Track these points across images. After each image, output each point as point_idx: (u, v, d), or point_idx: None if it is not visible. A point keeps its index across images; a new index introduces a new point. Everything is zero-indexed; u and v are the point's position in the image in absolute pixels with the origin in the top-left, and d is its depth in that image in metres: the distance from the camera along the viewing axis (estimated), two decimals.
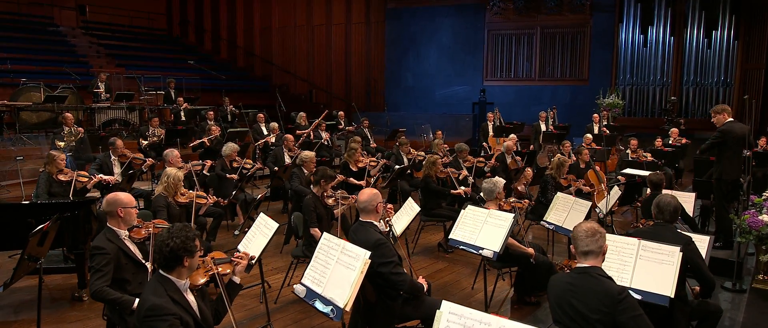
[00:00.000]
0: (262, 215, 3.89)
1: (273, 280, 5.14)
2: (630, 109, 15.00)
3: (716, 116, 5.53)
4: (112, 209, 3.29)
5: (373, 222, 3.36)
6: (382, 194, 7.50)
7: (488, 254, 3.76)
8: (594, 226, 2.59)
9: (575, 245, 2.60)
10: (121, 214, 3.32)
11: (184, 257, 2.41)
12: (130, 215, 3.37)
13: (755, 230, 4.79)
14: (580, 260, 2.59)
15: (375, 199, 3.34)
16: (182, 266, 2.43)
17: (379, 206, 3.37)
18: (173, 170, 4.67)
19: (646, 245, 3.17)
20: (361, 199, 3.37)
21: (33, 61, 13.17)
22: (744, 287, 4.99)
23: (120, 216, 3.32)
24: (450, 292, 4.94)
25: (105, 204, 3.33)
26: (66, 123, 7.92)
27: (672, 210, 3.49)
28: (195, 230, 2.51)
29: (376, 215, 3.37)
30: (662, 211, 3.53)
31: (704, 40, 14.27)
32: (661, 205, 3.53)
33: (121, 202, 3.34)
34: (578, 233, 2.58)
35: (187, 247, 2.40)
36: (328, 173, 4.61)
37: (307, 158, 6.15)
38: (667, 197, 3.58)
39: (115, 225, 3.32)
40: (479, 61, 16.52)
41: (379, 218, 3.42)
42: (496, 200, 4.59)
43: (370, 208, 3.34)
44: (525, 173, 7.66)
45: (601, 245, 2.55)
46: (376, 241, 3.20)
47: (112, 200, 3.33)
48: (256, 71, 18.47)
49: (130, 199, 3.41)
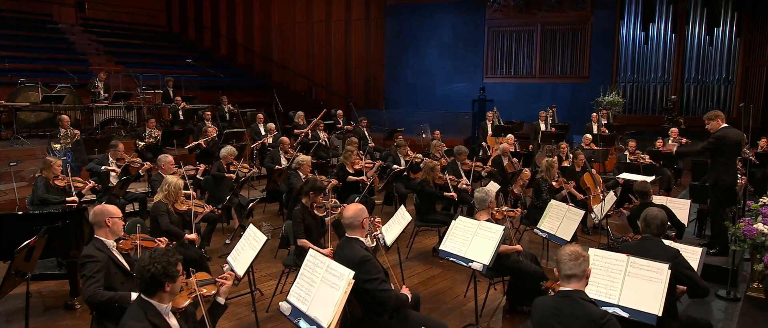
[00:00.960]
0: (252, 226, 3.88)
1: (266, 287, 5.14)
2: (631, 106, 14.93)
3: (710, 123, 5.48)
4: (100, 219, 3.33)
5: (358, 238, 3.34)
6: (377, 196, 7.49)
7: (477, 267, 3.74)
8: (578, 249, 2.57)
9: (559, 267, 2.58)
10: (108, 223, 3.36)
11: (166, 282, 2.40)
12: (117, 226, 3.41)
13: (750, 239, 4.76)
14: (563, 282, 2.57)
15: (360, 215, 3.32)
16: (163, 291, 2.42)
17: (365, 221, 3.35)
18: (174, 178, 4.67)
19: (635, 261, 3.15)
20: (346, 215, 3.35)
21: (31, 59, 13.17)
22: (738, 295, 4.96)
23: (107, 226, 3.36)
24: (443, 300, 4.93)
25: (92, 215, 3.36)
26: (62, 125, 7.92)
27: (659, 223, 3.47)
28: (177, 255, 2.49)
29: (361, 231, 3.35)
30: (649, 224, 3.50)
31: (706, 37, 14.17)
32: (648, 218, 3.51)
33: (109, 212, 3.39)
34: (562, 256, 2.57)
35: (168, 272, 2.39)
36: (318, 184, 4.59)
37: (303, 162, 6.13)
38: (653, 211, 3.55)
39: (103, 235, 3.35)
40: (479, 59, 16.45)
41: (365, 234, 3.41)
42: (489, 208, 4.56)
43: (355, 224, 3.32)
44: (522, 175, 7.65)
45: (584, 268, 2.54)
46: (362, 258, 3.20)
47: (100, 211, 3.37)
48: (255, 68, 18.43)
49: (117, 210, 3.45)
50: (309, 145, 9.15)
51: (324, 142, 10.25)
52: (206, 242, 5.94)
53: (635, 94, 14.94)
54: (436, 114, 15.12)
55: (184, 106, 11.01)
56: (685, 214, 5.33)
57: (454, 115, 14.93)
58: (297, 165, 6.12)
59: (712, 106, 14.24)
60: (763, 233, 4.73)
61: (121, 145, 6.53)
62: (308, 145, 9.14)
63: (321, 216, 4.62)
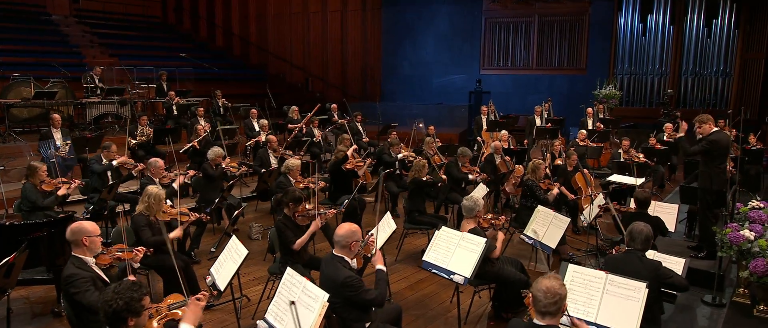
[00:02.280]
0: (234, 239, 3.88)
1: (253, 292, 5.14)
2: (627, 99, 14.87)
3: (702, 126, 5.45)
4: (77, 238, 3.32)
5: (344, 258, 3.39)
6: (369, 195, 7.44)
7: (459, 280, 3.75)
8: (555, 286, 2.49)
9: (534, 301, 2.54)
10: (86, 242, 3.35)
11: (129, 317, 2.38)
12: (94, 244, 3.41)
13: (736, 245, 4.75)
14: (537, 316, 2.54)
15: (351, 237, 3.38)
16: (126, 326, 2.40)
17: (354, 244, 3.40)
18: (154, 188, 4.63)
19: (613, 279, 3.15)
20: (338, 232, 3.42)
21: (24, 52, 13.07)
22: (724, 301, 4.98)
23: (85, 245, 3.35)
24: (429, 305, 4.94)
25: (69, 233, 3.35)
26: (53, 125, 7.89)
27: (643, 239, 3.48)
28: (143, 289, 2.45)
29: (349, 252, 3.42)
30: (634, 239, 3.51)
31: (704, 28, 14.06)
32: (634, 233, 3.52)
33: (86, 231, 3.37)
34: (539, 292, 2.50)
35: (131, 308, 2.36)
36: (297, 195, 4.58)
37: (293, 167, 6.11)
38: (639, 225, 3.56)
39: (81, 254, 3.35)
40: (476, 50, 16.35)
41: (352, 256, 3.44)
42: (476, 217, 4.57)
43: (344, 243, 3.38)
44: (514, 173, 7.64)
45: (560, 307, 2.50)
46: (344, 280, 3.26)
47: (77, 229, 3.35)
48: (251, 59, 18.32)
49: (95, 227, 3.44)
50: (301, 142, 9.12)
51: (318, 139, 10.22)
52: (195, 245, 5.95)
53: (632, 86, 14.87)
54: (432, 107, 15.08)
55: (178, 101, 10.95)
56: (673, 219, 5.33)
57: (450, 108, 14.88)
58: (287, 170, 6.10)
59: (709, 99, 14.20)
60: (749, 239, 4.73)
61: (114, 146, 6.50)
62: (301, 142, 9.11)
63: (304, 225, 4.61)
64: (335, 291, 3.30)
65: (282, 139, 10.74)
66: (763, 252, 4.60)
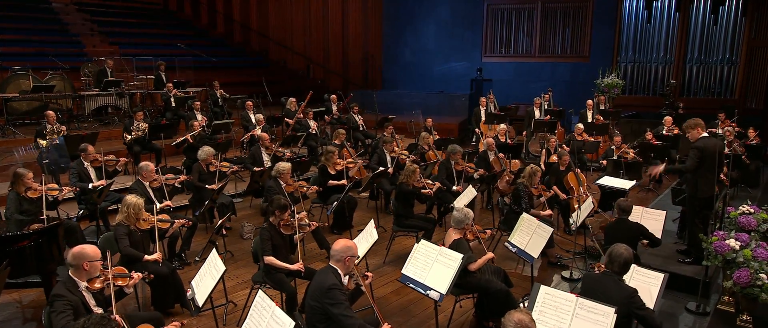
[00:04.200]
0: (214, 253, 3.91)
1: (241, 296, 5.17)
2: (631, 87, 14.68)
3: (690, 132, 5.38)
4: (79, 262, 3.34)
5: (337, 269, 3.49)
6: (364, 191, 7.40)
7: (435, 296, 3.77)
8: (525, 320, 2.48)
9: None
10: (86, 268, 3.38)
11: None
12: (94, 268, 3.43)
13: (721, 255, 4.73)
14: None
15: (345, 252, 3.47)
16: None
17: (348, 259, 3.48)
18: (133, 198, 4.66)
19: (583, 303, 3.16)
20: (334, 247, 3.51)
21: (25, 42, 13.09)
22: (708, 309, 4.97)
23: (85, 269, 3.38)
24: (412, 312, 4.98)
25: (71, 257, 3.35)
26: (48, 121, 7.93)
27: (622, 262, 3.45)
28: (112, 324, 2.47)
29: (343, 266, 3.49)
30: (612, 262, 3.49)
31: (711, 15, 13.78)
32: (613, 255, 3.49)
33: (88, 256, 3.38)
34: (510, 323, 2.49)
35: None
36: (282, 202, 4.59)
37: (283, 170, 6.11)
38: (619, 248, 3.52)
39: (77, 276, 3.38)
40: (478, 37, 16.17)
41: (346, 273, 3.51)
42: (463, 230, 4.57)
43: (339, 258, 3.48)
44: (506, 173, 7.62)
45: None
46: (330, 285, 3.35)
47: (79, 254, 3.35)
48: (252, 46, 18.23)
49: (96, 252, 3.43)
50: (296, 138, 9.11)
51: (313, 131, 10.21)
52: (186, 247, 6.01)
53: (636, 74, 14.66)
54: (432, 96, 14.99)
55: (175, 93, 10.96)
56: (660, 226, 5.30)
57: (450, 97, 14.77)
58: (277, 173, 6.10)
59: (714, 87, 13.99)
60: (734, 249, 4.70)
61: (89, 147, 6.47)
62: (295, 138, 9.11)
63: (288, 234, 4.64)
64: (318, 296, 3.36)
65: (280, 132, 10.76)
66: (748, 263, 4.58)
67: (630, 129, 12.28)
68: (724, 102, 13.37)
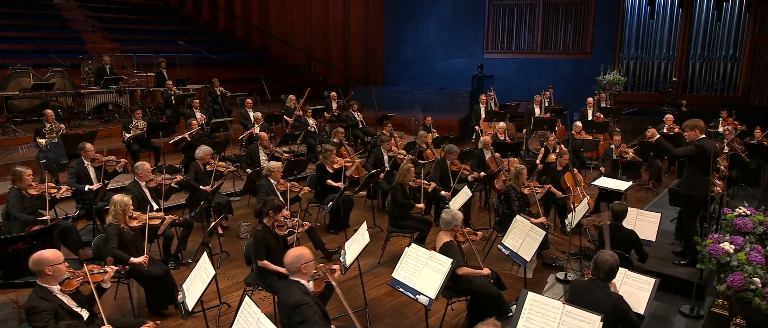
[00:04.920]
0: (204, 257, 3.92)
1: (235, 297, 5.18)
2: (633, 84, 14.60)
3: (688, 132, 5.35)
4: (40, 268, 3.30)
5: (299, 281, 3.40)
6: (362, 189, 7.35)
7: (424, 301, 3.77)
8: None
9: None
10: (49, 272, 3.34)
11: None
12: (59, 271, 3.39)
13: (715, 258, 4.71)
14: None
15: (297, 261, 3.37)
16: None
17: (303, 267, 3.39)
18: (119, 197, 4.67)
19: (570, 310, 3.15)
20: (286, 261, 3.42)
21: (26, 39, 13.12)
22: (702, 312, 4.96)
23: (49, 274, 3.34)
24: (405, 314, 4.99)
25: (31, 264, 3.32)
26: (47, 119, 7.95)
27: (607, 269, 3.44)
28: None
29: (301, 275, 3.41)
30: (598, 268, 3.48)
31: (714, 12, 13.66)
32: (598, 262, 3.48)
33: (48, 261, 3.34)
34: None
35: None
36: (276, 203, 4.59)
37: (273, 169, 6.12)
38: (604, 255, 3.51)
39: (45, 283, 3.35)
40: (480, 33, 16.10)
41: (308, 278, 3.45)
42: (453, 231, 4.57)
43: (293, 269, 3.38)
44: (502, 173, 7.59)
45: None
46: (296, 302, 3.27)
47: (38, 260, 3.32)
48: (254, 42, 18.21)
49: (57, 255, 3.41)
50: (294, 136, 9.12)
51: (312, 128, 10.21)
52: (182, 247, 6.04)
53: (638, 70, 14.58)
54: (433, 93, 14.95)
55: (175, 91, 10.97)
56: (655, 229, 5.25)
57: (451, 94, 14.72)
58: (267, 172, 6.11)
59: (717, 84, 13.89)
60: (728, 253, 4.68)
61: (89, 146, 6.50)
62: (294, 137, 9.11)
63: (283, 235, 4.65)
64: (287, 315, 3.33)
65: (280, 130, 10.76)
66: (742, 266, 4.56)
67: (631, 126, 12.22)
68: (727, 99, 13.27)
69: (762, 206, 5.49)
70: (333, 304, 4.97)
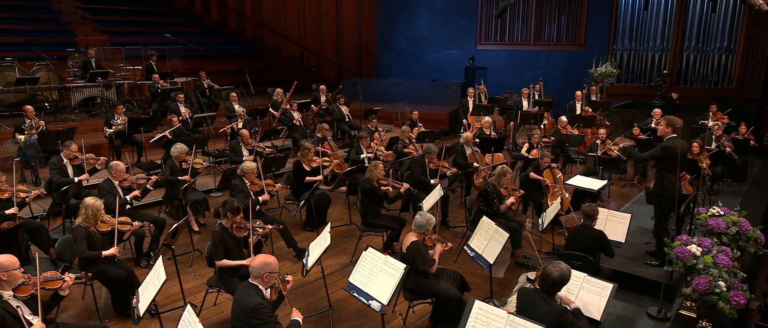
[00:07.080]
0: (159, 261, 3.89)
1: (200, 299, 5.17)
2: (627, 76, 14.46)
3: (661, 128, 5.30)
4: None
5: (258, 286, 3.50)
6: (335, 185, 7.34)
7: (376, 306, 3.75)
8: None
9: None
10: (3, 277, 3.35)
11: None
12: (14, 277, 3.39)
13: (682, 261, 4.66)
14: None
15: (263, 269, 3.48)
16: None
17: (266, 276, 3.49)
18: (91, 200, 4.65)
19: (514, 320, 3.11)
20: (253, 264, 3.52)
21: (16, 31, 13.07)
22: (669, 314, 4.92)
23: (3, 279, 3.35)
24: (369, 316, 4.96)
25: None
26: (27, 115, 7.93)
27: (550, 282, 3.35)
28: None
29: (262, 282, 3.52)
30: (543, 279, 3.41)
31: (709, 3, 13.46)
32: (544, 273, 3.41)
33: (3, 266, 3.34)
34: None
35: None
36: (235, 205, 4.57)
37: (247, 170, 6.07)
38: (550, 268, 3.36)
39: None
40: (473, 25, 15.95)
41: (266, 287, 3.53)
42: (423, 234, 4.54)
43: (256, 274, 3.49)
44: (480, 170, 7.54)
45: None
46: (254, 306, 3.37)
47: None
48: (247, 34, 18.10)
49: (12, 261, 3.40)
50: (277, 131, 9.07)
51: (298, 122, 10.16)
52: (155, 245, 6.02)
53: (632, 62, 14.43)
54: (424, 85, 14.85)
55: (162, 85, 10.92)
56: (624, 229, 5.21)
57: (442, 86, 14.62)
58: (242, 173, 6.08)
59: (711, 76, 13.72)
60: (695, 255, 4.63)
61: (74, 145, 6.52)
62: (276, 131, 9.06)
63: (241, 236, 4.63)
64: (243, 317, 3.37)
65: (267, 123, 10.71)
66: (707, 269, 4.51)
67: (622, 119, 12.12)
68: (720, 91, 13.14)
69: (736, 207, 5.42)
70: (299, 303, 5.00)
